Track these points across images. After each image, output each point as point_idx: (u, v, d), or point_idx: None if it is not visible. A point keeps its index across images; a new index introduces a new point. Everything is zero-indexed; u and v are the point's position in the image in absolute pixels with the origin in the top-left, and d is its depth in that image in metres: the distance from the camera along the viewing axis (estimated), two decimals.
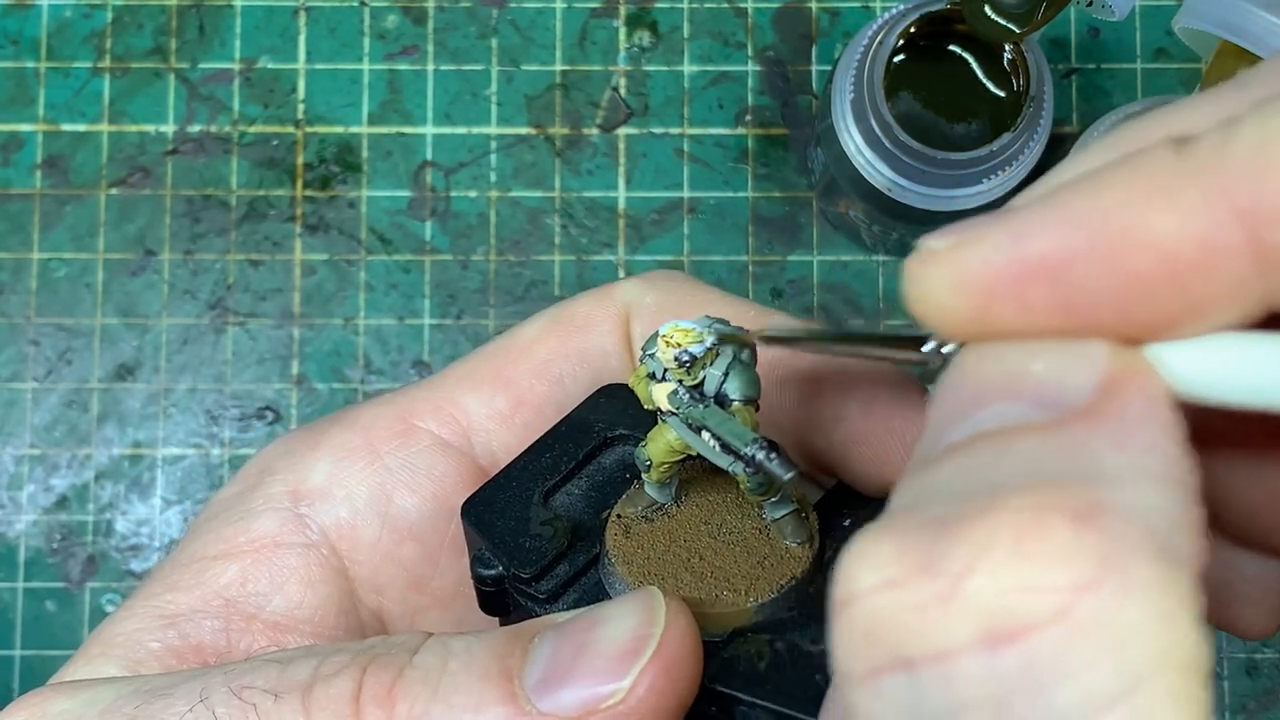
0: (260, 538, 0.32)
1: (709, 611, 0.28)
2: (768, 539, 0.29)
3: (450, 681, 0.27)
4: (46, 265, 0.56)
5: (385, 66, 0.57)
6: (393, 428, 0.34)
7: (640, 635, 0.26)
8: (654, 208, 0.57)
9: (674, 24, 0.57)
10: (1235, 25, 0.44)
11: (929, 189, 0.49)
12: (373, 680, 0.27)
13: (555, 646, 0.27)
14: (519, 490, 0.31)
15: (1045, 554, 0.17)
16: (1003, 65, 0.50)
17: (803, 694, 0.26)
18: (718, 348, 0.27)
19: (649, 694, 0.26)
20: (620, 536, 0.30)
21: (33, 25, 0.57)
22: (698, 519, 0.30)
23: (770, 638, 0.27)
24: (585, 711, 0.26)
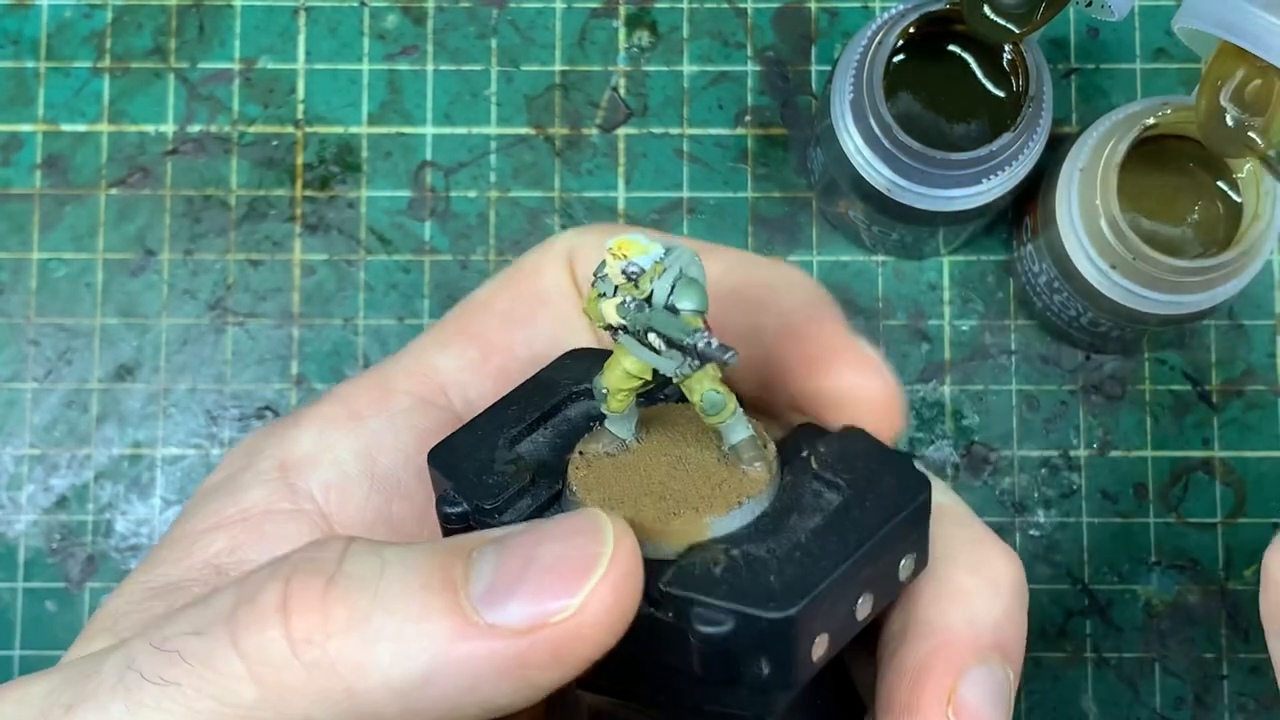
0: (250, 508, 0.32)
1: (666, 529, 0.28)
2: (726, 466, 0.29)
3: (389, 588, 0.26)
4: (46, 265, 0.56)
5: (385, 66, 0.57)
6: (370, 394, 0.34)
7: (590, 553, 0.26)
8: (654, 208, 0.57)
9: (674, 24, 0.57)
10: (1235, 25, 0.44)
11: (929, 189, 0.49)
12: (299, 587, 0.26)
13: (500, 559, 0.26)
14: (484, 438, 0.31)
15: None
16: (1002, 65, 0.50)
17: (755, 593, 0.26)
18: (664, 261, 0.27)
19: (599, 609, 0.25)
20: (581, 470, 0.30)
21: (32, 25, 0.57)
22: (658, 452, 0.30)
23: (726, 547, 0.28)
24: (533, 625, 0.25)
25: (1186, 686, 0.55)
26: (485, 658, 0.25)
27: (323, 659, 0.25)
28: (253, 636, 0.26)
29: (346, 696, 0.25)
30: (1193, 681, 0.55)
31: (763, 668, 0.26)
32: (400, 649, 0.25)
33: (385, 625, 0.25)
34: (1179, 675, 0.55)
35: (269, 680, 0.25)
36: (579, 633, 0.25)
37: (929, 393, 0.56)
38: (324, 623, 0.26)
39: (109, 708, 0.26)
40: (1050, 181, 0.52)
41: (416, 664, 0.25)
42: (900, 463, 0.28)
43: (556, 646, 0.25)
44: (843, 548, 0.27)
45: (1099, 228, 0.48)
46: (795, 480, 0.29)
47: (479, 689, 0.26)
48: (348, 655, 0.25)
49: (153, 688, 0.26)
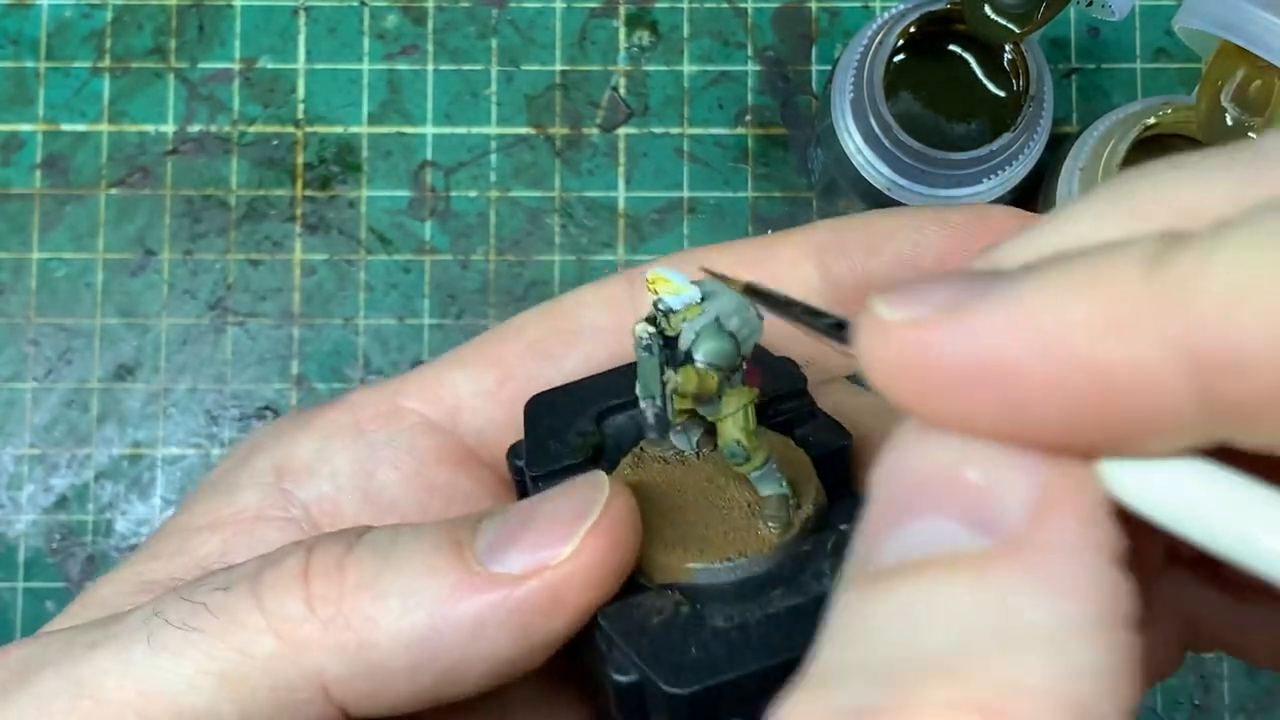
0: (242, 511, 0.33)
1: (653, 559, 0.28)
2: (750, 515, 0.29)
3: (401, 551, 0.28)
4: (46, 265, 0.56)
5: (385, 66, 0.57)
6: (379, 407, 0.34)
7: (586, 499, 0.27)
8: (654, 207, 0.57)
9: (674, 24, 0.57)
10: (1235, 25, 0.44)
11: (929, 189, 0.49)
12: (320, 555, 0.28)
13: (503, 520, 0.28)
14: (582, 401, 0.31)
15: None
16: (1003, 65, 0.50)
17: (668, 660, 0.26)
18: (701, 304, 0.28)
19: (593, 553, 0.27)
20: (630, 467, 0.30)
21: (33, 25, 0.57)
22: (705, 475, 0.30)
23: (683, 601, 0.28)
24: (532, 570, 0.27)
25: (1186, 687, 0.55)
26: (487, 604, 0.27)
27: (337, 615, 0.27)
28: (276, 595, 0.27)
29: (359, 649, 0.27)
30: (1192, 682, 0.55)
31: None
32: (408, 601, 0.27)
33: (394, 581, 0.27)
34: (1178, 676, 0.55)
35: (287, 634, 0.27)
36: (575, 576, 0.27)
37: None
38: (340, 583, 0.27)
39: (132, 649, 0.27)
40: (1050, 181, 0.52)
41: (422, 614, 0.27)
42: None
43: (554, 590, 0.27)
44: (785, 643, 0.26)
45: None
46: (811, 553, 0.28)
47: (483, 637, 0.27)
48: (360, 610, 0.27)
49: (176, 633, 0.27)
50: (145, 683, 0.27)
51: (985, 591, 0.18)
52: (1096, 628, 0.17)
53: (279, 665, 0.27)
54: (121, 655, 0.27)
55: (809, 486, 0.29)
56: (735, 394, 0.28)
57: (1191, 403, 0.18)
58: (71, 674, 0.27)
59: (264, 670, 0.27)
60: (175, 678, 0.27)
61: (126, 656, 0.27)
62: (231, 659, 0.27)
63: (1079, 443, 0.18)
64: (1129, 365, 0.18)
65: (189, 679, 0.27)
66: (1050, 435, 0.18)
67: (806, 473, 0.30)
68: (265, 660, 0.27)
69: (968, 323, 0.18)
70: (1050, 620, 0.17)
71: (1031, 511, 0.18)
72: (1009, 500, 0.18)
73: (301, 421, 0.35)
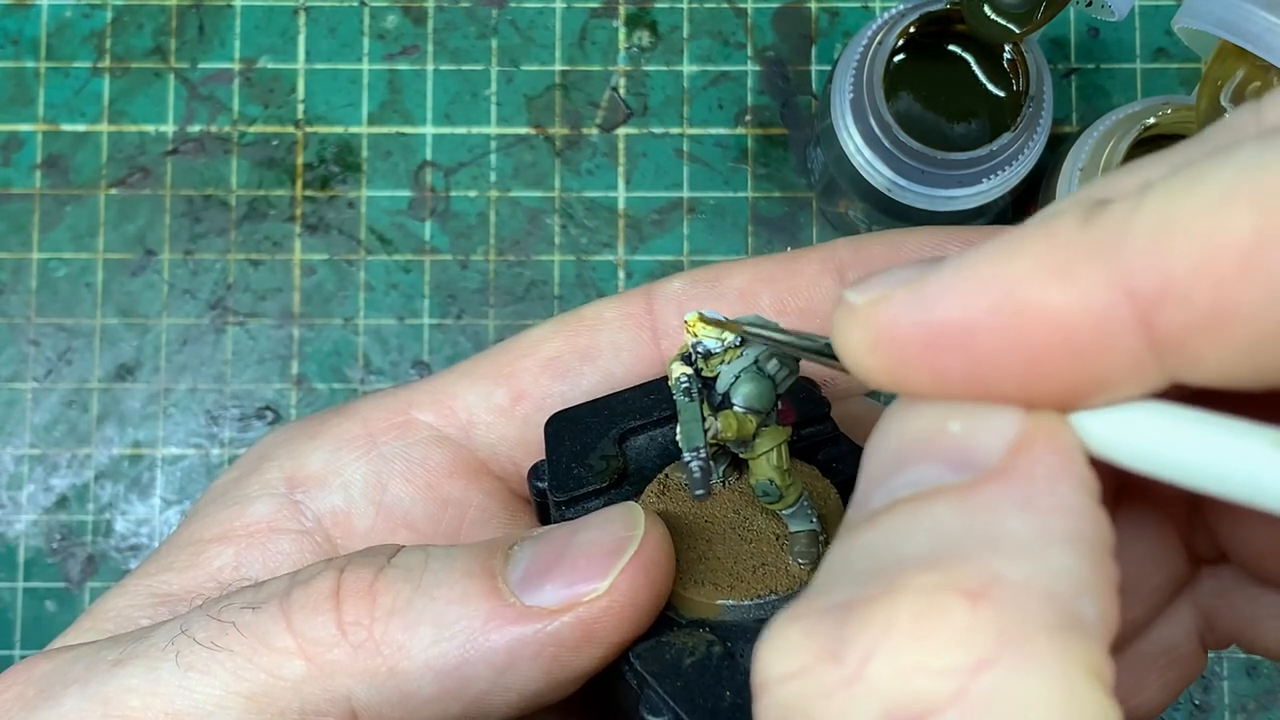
0: (255, 523, 0.33)
1: (683, 595, 0.28)
2: (778, 549, 0.29)
3: (432, 578, 0.27)
4: (46, 265, 0.56)
5: (385, 66, 0.57)
6: (391, 419, 0.34)
7: (620, 538, 0.27)
8: (654, 208, 0.57)
9: (674, 24, 0.57)
10: (1235, 25, 0.44)
11: (928, 189, 0.49)
12: (352, 578, 0.28)
13: (537, 550, 0.28)
14: (603, 420, 0.31)
15: (942, 635, 0.17)
16: (1002, 65, 0.50)
17: (704, 704, 0.26)
18: (740, 349, 0.27)
19: (628, 590, 0.27)
20: (654, 495, 0.30)
21: (33, 25, 0.57)
22: (731, 506, 0.30)
23: (715, 640, 0.27)
24: (566, 605, 0.26)
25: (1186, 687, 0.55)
26: (520, 638, 0.26)
27: (368, 641, 0.27)
28: (306, 618, 0.27)
29: (389, 676, 0.27)
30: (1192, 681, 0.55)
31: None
32: (440, 630, 0.27)
33: (427, 609, 0.27)
34: None
35: (317, 658, 0.27)
36: (609, 612, 0.26)
37: None
38: (371, 608, 0.27)
39: (159, 666, 0.27)
40: (1050, 181, 0.52)
41: (454, 644, 0.27)
42: None
43: (588, 626, 0.26)
44: None
45: None
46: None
47: (514, 669, 0.27)
48: (391, 637, 0.27)
49: (204, 651, 0.27)
50: (173, 702, 0.27)
51: (967, 509, 0.19)
52: (1074, 541, 0.18)
53: (308, 688, 0.27)
54: (149, 674, 0.27)
55: (837, 520, 0.29)
56: (770, 433, 0.28)
57: (1138, 341, 0.18)
58: (98, 692, 0.27)
59: (293, 693, 0.27)
60: (204, 698, 0.27)
61: (154, 675, 0.27)
62: (260, 680, 0.27)
63: (1047, 396, 0.19)
64: (1076, 309, 0.18)
65: (218, 699, 0.27)
66: (1018, 390, 0.19)
67: (835, 506, 0.30)
68: (295, 683, 0.27)
69: (923, 292, 0.19)
70: (1030, 530, 0.18)
71: (1010, 447, 0.19)
72: (989, 441, 0.19)
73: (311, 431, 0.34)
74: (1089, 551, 0.18)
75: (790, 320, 0.29)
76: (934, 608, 0.17)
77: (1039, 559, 0.18)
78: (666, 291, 0.34)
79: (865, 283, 0.20)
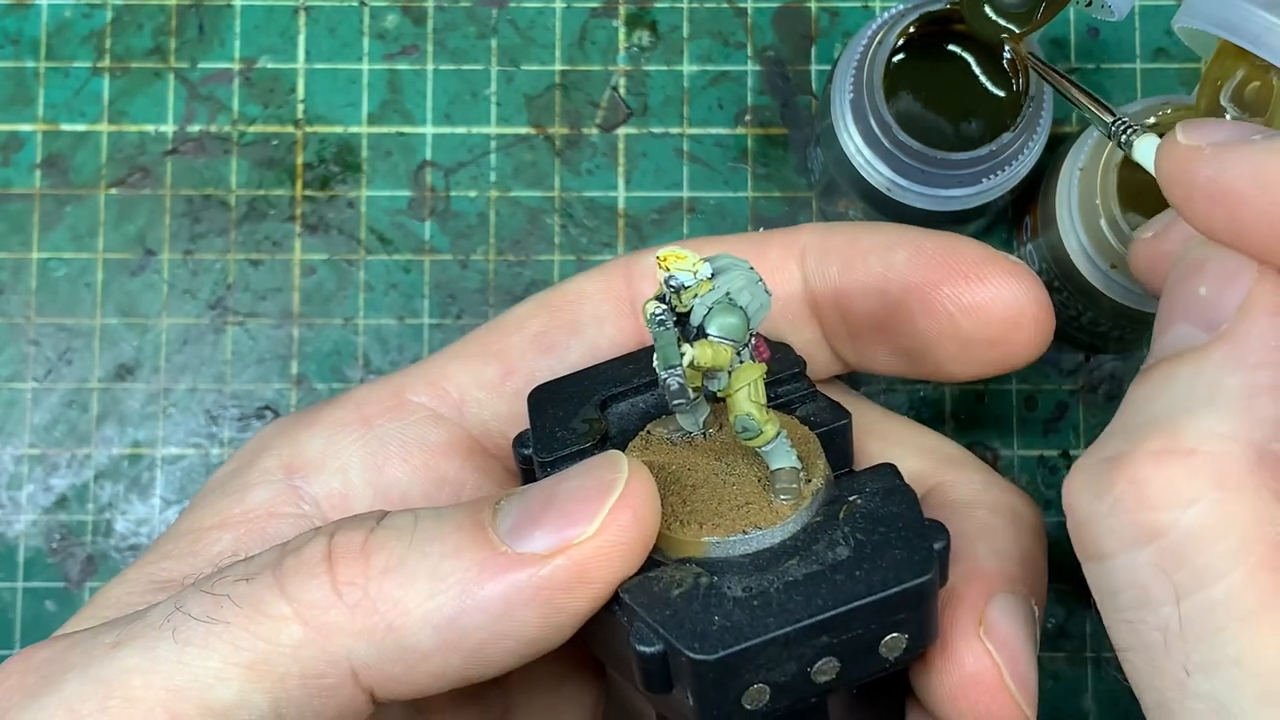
0: (254, 509, 0.33)
1: (669, 536, 0.29)
2: (761, 490, 0.29)
3: (424, 535, 0.28)
4: (46, 265, 0.56)
5: (385, 66, 0.57)
6: (385, 402, 0.34)
7: (606, 480, 0.28)
8: (654, 207, 0.57)
9: (674, 24, 0.57)
10: (1235, 25, 0.44)
11: (928, 189, 0.49)
12: (343, 540, 0.28)
13: (525, 500, 0.28)
14: (584, 389, 0.32)
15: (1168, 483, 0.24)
16: (1002, 65, 0.50)
17: (693, 629, 0.26)
18: (714, 280, 0.28)
19: (616, 530, 0.27)
20: (639, 449, 0.31)
21: (32, 25, 0.57)
22: (714, 454, 0.30)
23: (702, 573, 0.28)
24: (558, 549, 0.27)
25: None
26: (514, 584, 0.27)
27: (364, 599, 0.27)
28: (300, 582, 0.27)
29: (388, 632, 0.27)
30: None
31: (687, 698, 0.27)
32: (435, 584, 0.27)
33: (420, 564, 0.27)
34: None
35: (314, 621, 0.27)
36: (600, 552, 0.27)
37: (928, 393, 0.56)
38: (365, 568, 0.27)
39: (156, 645, 0.27)
40: (1050, 181, 0.52)
41: (450, 596, 0.27)
42: (920, 542, 0.28)
43: (580, 567, 0.27)
44: (806, 608, 0.27)
45: (1099, 228, 0.48)
46: (823, 524, 0.29)
47: (511, 616, 0.27)
48: (387, 593, 0.27)
49: (201, 626, 0.27)
50: (173, 679, 0.27)
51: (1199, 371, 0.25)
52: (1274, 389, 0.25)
53: (307, 652, 0.27)
54: (147, 653, 0.27)
55: (817, 460, 0.30)
56: (746, 369, 0.28)
57: None
58: (98, 675, 0.27)
59: (292, 657, 0.27)
60: (203, 671, 0.27)
61: (152, 654, 0.27)
62: (258, 648, 0.27)
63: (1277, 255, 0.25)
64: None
65: (217, 671, 0.27)
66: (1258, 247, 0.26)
67: (814, 448, 0.30)
68: (293, 648, 0.27)
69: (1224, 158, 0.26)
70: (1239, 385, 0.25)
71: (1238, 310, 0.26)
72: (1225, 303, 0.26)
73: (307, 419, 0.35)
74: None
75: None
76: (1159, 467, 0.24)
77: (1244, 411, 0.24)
78: (645, 265, 0.35)
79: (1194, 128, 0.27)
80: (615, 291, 0.35)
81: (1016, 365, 0.34)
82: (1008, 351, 0.33)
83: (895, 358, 0.34)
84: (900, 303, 0.33)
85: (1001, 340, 0.33)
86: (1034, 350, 0.33)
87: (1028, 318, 0.33)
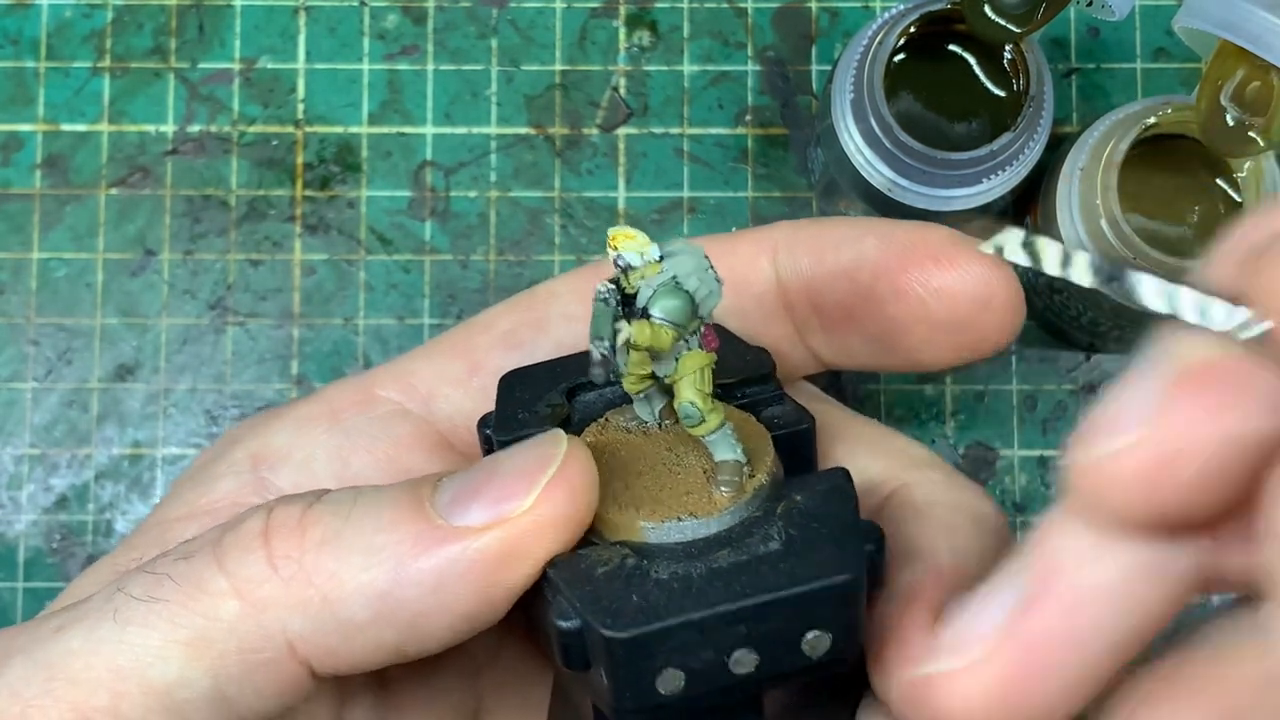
0: (220, 499, 0.33)
1: (606, 518, 0.29)
2: (705, 481, 0.29)
3: (361, 510, 0.28)
4: (46, 265, 0.56)
5: (385, 66, 0.57)
6: (353, 397, 0.34)
7: (544, 456, 0.28)
8: (654, 207, 0.57)
9: (674, 24, 0.57)
10: (1235, 25, 0.44)
11: (929, 189, 0.49)
12: (281, 514, 0.28)
13: (464, 477, 0.28)
14: (553, 378, 0.32)
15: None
16: (1003, 65, 0.50)
17: (609, 607, 0.26)
18: (662, 263, 0.28)
19: (551, 506, 0.27)
20: (594, 434, 0.31)
21: (32, 25, 0.57)
22: (664, 445, 0.30)
23: (630, 554, 0.28)
24: (493, 523, 0.27)
25: None
26: (448, 557, 0.27)
27: (299, 572, 0.27)
28: (238, 558, 0.27)
29: (323, 605, 0.27)
30: None
31: (601, 678, 0.27)
32: (369, 557, 0.27)
33: (356, 538, 0.27)
34: None
35: (249, 595, 0.27)
36: (534, 526, 0.27)
37: (929, 392, 0.56)
38: (301, 541, 0.27)
39: (98, 626, 0.27)
40: (1050, 181, 0.52)
41: (385, 569, 0.27)
42: (851, 542, 0.28)
43: (514, 541, 0.27)
44: (724, 595, 0.27)
45: (1099, 228, 0.48)
46: (762, 519, 0.29)
47: (445, 589, 0.27)
48: (322, 566, 0.27)
49: (141, 605, 0.27)
50: (115, 659, 0.27)
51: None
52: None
53: (244, 626, 0.27)
54: (90, 634, 0.27)
55: (765, 457, 0.30)
56: (692, 356, 0.28)
57: None
58: (42, 658, 0.27)
59: (230, 632, 0.27)
60: (144, 650, 0.27)
61: (94, 635, 0.27)
62: (197, 624, 0.27)
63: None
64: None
65: (157, 650, 0.27)
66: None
67: (764, 444, 0.30)
68: (230, 623, 0.27)
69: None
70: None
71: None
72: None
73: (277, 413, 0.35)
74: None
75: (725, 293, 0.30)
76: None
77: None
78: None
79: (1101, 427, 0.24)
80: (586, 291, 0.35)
81: (988, 351, 0.33)
82: (978, 335, 0.33)
83: (868, 347, 0.34)
84: (871, 289, 0.33)
85: (971, 323, 0.32)
86: (1005, 334, 0.33)
87: (998, 300, 0.32)
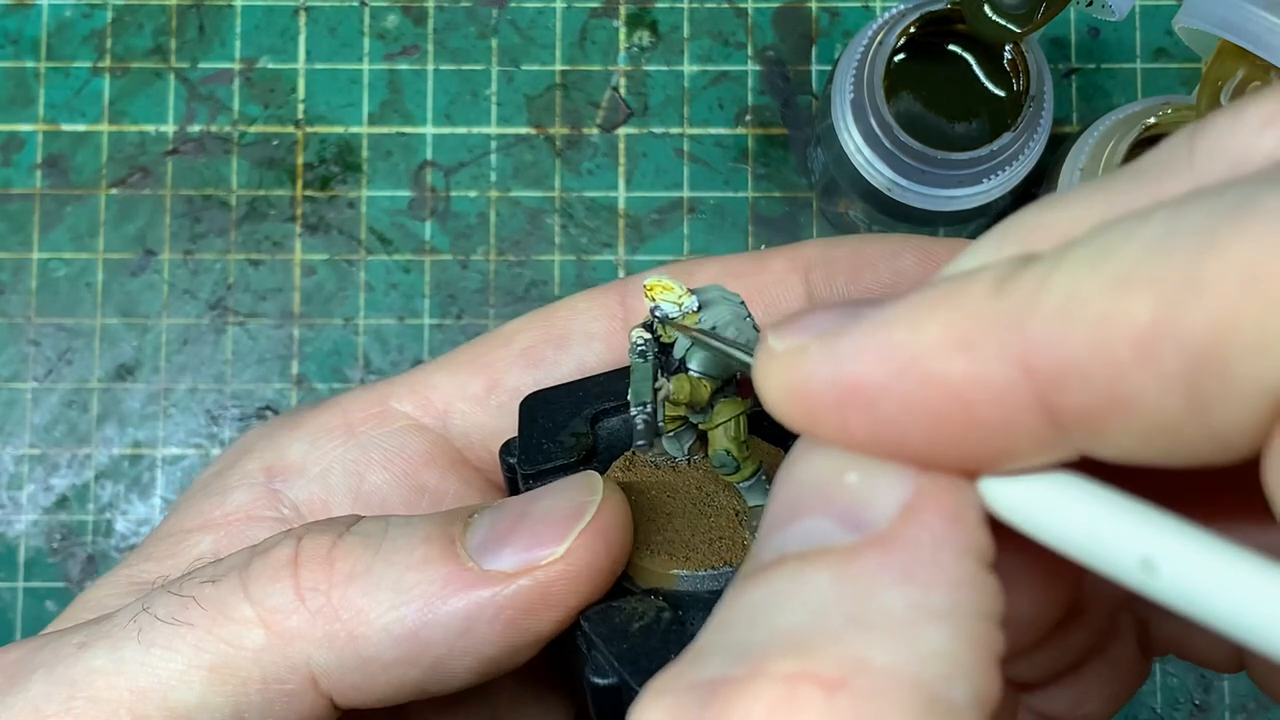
0: (234, 511, 0.33)
1: (639, 564, 0.28)
2: (737, 524, 0.29)
3: (391, 544, 0.27)
4: (46, 265, 0.56)
5: (385, 66, 0.57)
6: (370, 410, 0.34)
7: (579, 504, 0.27)
8: (654, 207, 0.57)
9: (674, 24, 0.57)
10: (1235, 25, 0.44)
11: (929, 189, 0.49)
12: (310, 545, 0.28)
13: (496, 517, 0.28)
14: (577, 401, 0.31)
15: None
16: (1003, 65, 0.50)
17: (648, 666, 0.26)
18: (698, 315, 0.28)
19: (584, 555, 0.27)
20: (620, 470, 0.30)
21: (33, 25, 0.57)
22: (693, 483, 0.30)
23: (666, 607, 0.27)
24: (524, 569, 0.27)
25: (1186, 686, 0.55)
26: (477, 601, 0.27)
27: (326, 606, 0.27)
28: (264, 586, 0.27)
29: (348, 641, 0.27)
30: (1192, 681, 0.55)
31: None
32: (398, 595, 0.27)
33: (386, 574, 0.27)
34: (1178, 675, 0.55)
35: (276, 625, 0.27)
36: (565, 576, 0.27)
37: None
38: (329, 574, 0.27)
39: (122, 645, 0.27)
40: (1050, 182, 0.52)
41: (413, 608, 0.27)
42: None
43: (544, 589, 0.27)
44: None
45: None
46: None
47: (471, 633, 0.27)
48: (350, 602, 0.27)
49: (165, 627, 0.27)
50: (137, 679, 0.27)
51: (845, 579, 0.18)
52: (951, 617, 0.18)
53: (268, 656, 0.27)
54: (113, 654, 0.27)
55: None
56: (728, 404, 0.28)
57: (1038, 417, 0.18)
58: (64, 675, 0.27)
59: (254, 662, 0.27)
60: (167, 673, 0.27)
61: (118, 654, 0.27)
62: (221, 651, 0.27)
63: (951, 459, 0.19)
64: (976, 383, 0.18)
65: (180, 674, 0.27)
66: (922, 451, 0.19)
67: None
68: (255, 652, 0.27)
69: (836, 347, 0.19)
70: (903, 606, 0.18)
71: (900, 511, 0.19)
72: (881, 501, 0.19)
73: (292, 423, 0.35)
74: (967, 626, 0.18)
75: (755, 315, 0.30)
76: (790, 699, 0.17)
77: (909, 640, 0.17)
78: (639, 287, 0.35)
79: (788, 327, 0.20)
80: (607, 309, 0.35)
81: None
82: None
83: None
84: None
85: None
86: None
87: None
